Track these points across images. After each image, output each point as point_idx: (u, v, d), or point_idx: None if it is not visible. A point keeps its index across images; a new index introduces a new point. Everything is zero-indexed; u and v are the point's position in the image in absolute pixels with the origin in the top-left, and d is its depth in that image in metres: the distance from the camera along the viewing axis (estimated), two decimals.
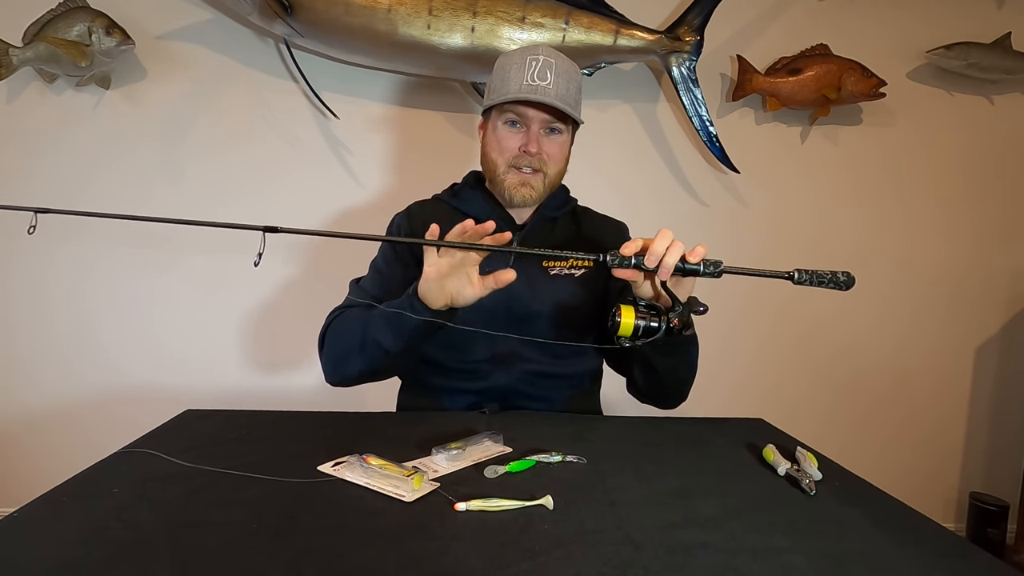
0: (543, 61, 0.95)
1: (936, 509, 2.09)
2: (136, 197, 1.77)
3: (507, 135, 0.99)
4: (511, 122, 0.98)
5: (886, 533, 0.62)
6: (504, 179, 1.00)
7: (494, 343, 0.99)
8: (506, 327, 0.99)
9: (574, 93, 0.99)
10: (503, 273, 0.82)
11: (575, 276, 1.04)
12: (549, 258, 1.02)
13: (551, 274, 1.03)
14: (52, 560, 0.51)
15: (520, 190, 0.99)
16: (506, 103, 0.96)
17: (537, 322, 1.01)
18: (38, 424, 1.82)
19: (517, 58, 0.97)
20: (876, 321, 2.02)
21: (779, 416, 1.09)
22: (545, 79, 0.94)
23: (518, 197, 1.00)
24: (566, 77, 0.97)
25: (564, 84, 0.96)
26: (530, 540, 0.56)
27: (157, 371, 1.83)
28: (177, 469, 0.70)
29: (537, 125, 0.97)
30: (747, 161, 1.87)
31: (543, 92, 0.94)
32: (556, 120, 0.98)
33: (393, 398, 1.14)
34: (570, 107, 0.96)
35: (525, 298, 1.00)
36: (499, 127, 0.99)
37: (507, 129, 0.99)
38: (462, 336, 0.98)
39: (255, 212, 1.77)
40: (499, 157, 1.00)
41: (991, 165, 2.00)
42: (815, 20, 1.90)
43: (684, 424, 0.97)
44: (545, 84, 0.94)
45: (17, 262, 1.77)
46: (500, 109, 0.98)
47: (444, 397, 1.03)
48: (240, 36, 1.76)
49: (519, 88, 0.94)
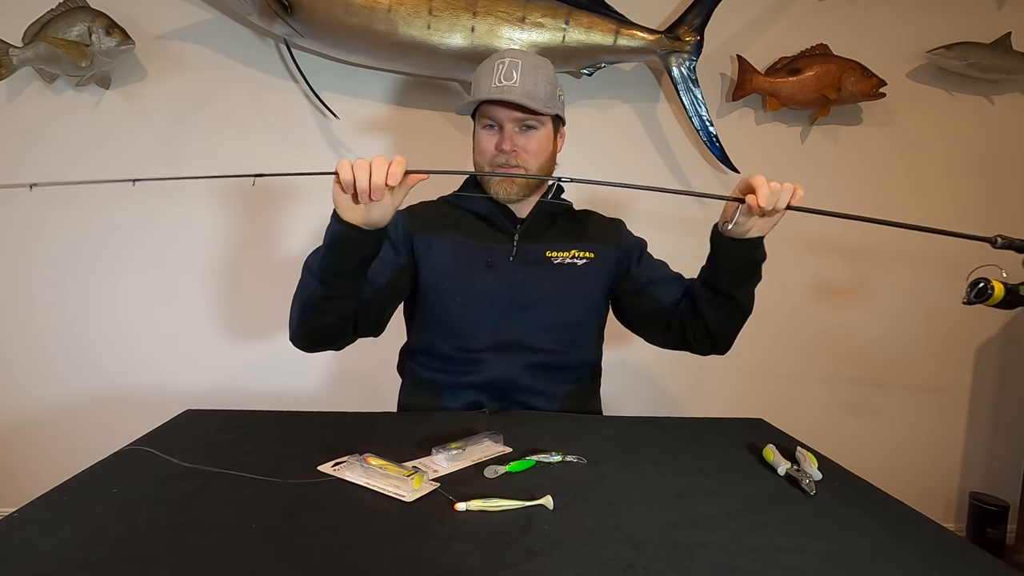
0: (508, 62, 1.00)
1: (936, 509, 2.09)
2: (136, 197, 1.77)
3: (484, 138, 1.04)
4: (487, 125, 1.03)
5: (886, 533, 0.62)
6: (488, 179, 1.05)
7: (497, 330, 1.02)
8: (510, 314, 1.01)
9: (543, 87, 1.01)
10: (415, 176, 0.82)
11: (577, 265, 1.07)
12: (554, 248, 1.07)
13: (554, 263, 1.07)
14: (52, 560, 0.51)
15: (501, 186, 1.04)
16: (482, 106, 1.02)
17: (541, 309, 1.04)
18: (38, 424, 1.82)
19: (487, 63, 1.03)
20: (875, 321, 2.02)
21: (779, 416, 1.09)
22: (511, 79, 0.99)
23: (502, 193, 1.04)
24: (532, 74, 1.00)
25: (531, 80, 1.00)
26: (530, 540, 0.56)
27: (157, 371, 1.83)
28: (177, 469, 0.70)
29: (510, 124, 1.01)
30: (747, 161, 1.87)
31: (509, 91, 0.98)
32: (528, 116, 1.01)
33: (393, 398, 1.14)
34: (538, 101, 0.99)
35: (529, 286, 1.04)
36: (478, 131, 1.05)
37: (484, 132, 1.04)
38: (466, 323, 1.02)
39: (255, 212, 1.77)
40: (480, 159, 1.05)
41: (991, 165, 2.00)
42: (815, 20, 1.90)
43: (684, 424, 0.97)
44: (511, 83, 0.99)
45: (17, 263, 1.77)
46: (479, 115, 1.04)
47: (445, 393, 1.04)
48: (240, 36, 1.76)
49: (488, 91, 0.99)
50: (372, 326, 0.99)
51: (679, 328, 1.06)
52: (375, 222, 0.83)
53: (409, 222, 1.07)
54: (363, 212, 0.82)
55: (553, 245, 1.07)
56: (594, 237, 1.11)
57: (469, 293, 1.03)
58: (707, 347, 1.06)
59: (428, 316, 1.06)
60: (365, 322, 0.96)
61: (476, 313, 1.03)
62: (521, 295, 1.03)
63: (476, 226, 1.08)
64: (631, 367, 1.93)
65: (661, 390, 1.98)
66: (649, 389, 1.96)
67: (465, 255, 1.04)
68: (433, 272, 1.04)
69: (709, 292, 0.99)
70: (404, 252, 1.04)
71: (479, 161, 1.05)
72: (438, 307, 1.04)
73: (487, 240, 1.06)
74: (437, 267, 1.04)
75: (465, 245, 1.05)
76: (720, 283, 0.97)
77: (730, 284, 0.97)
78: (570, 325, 1.06)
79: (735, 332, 1.04)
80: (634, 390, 1.94)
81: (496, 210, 1.06)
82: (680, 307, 1.06)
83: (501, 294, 1.02)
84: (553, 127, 1.06)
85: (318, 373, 1.88)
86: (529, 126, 1.02)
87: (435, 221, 1.07)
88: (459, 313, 1.03)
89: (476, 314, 1.02)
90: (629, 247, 1.13)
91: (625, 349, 1.91)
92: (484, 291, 1.03)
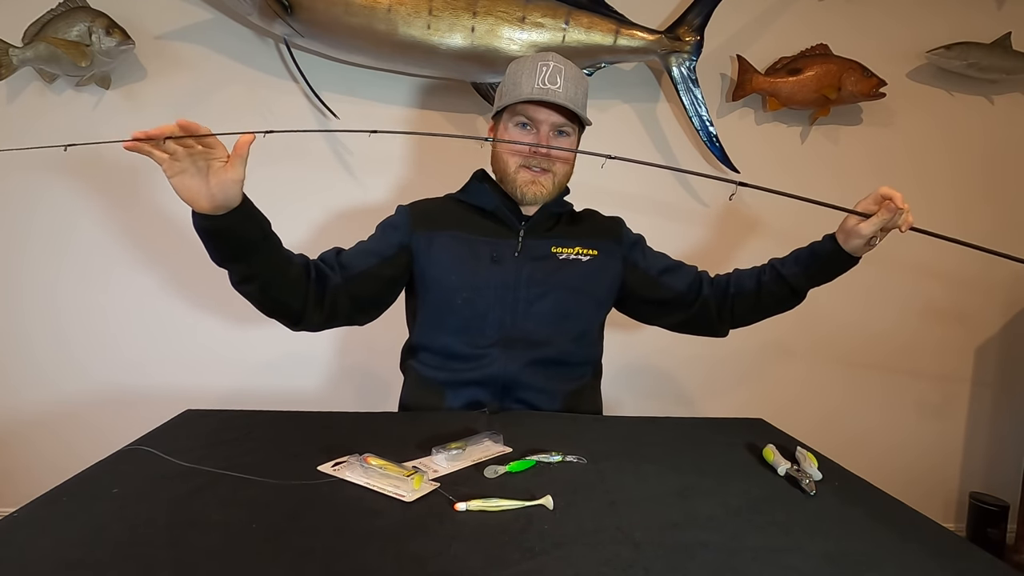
0: (553, 67, 1.01)
1: (936, 509, 2.09)
2: (136, 197, 1.77)
3: (519, 135, 1.04)
4: (522, 124, 1.04)
5: (886, 533, 0.62)
6: (516, 177, 1.05)
7: (503, 325, 1.03)
8: (516, 309, 1.02)
9: (581, 98, 1.05)
10: (243, 139, 0.80)
11: (582, 261, 1.09)
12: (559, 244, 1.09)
13: (560, 259, 1.08)
14: (52, 560, 0.51)
15: (531, 187, 1.04)
16: (518, 105, 1.02)
17: (546, 304, 1.05)
18: (38, 424, 1.82)
19: (529, 64, 1.03)
20: (876, 321, 2.02)
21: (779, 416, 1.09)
22: (556, 83, 1.00)
23: (529, 194, 1.05)
24: (575, 82, 1.03)
25: (573, 88, 1.02)
26: (530, 540, 0.56)
27: (157, 371, 1.82)
28: (177, 469, 0.70)
29: (547, 127, 1.03)
30: (747, 161, 1.87)
31: (554, 95, 1.00)
32: (566, 123, 1.03)
33: (394, 398, 1.14)
34: (579, 109, 1.02)
35: (535, 282, 1.05)
36: (511, 128, 1.05)
37: (519, 130, 1.04)
38: (472, 317, 1.03)
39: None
40: (510, 157, 1.05)
41: (991, 165, 2.00)
42: (815, 20, 1.90)
43: (684, 424, 0.97)
44: (556, 88, 1.00)
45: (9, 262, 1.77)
46: (512, 111, 1.04)
47: (447, 391, 1.04)
48: (240, 36, 1.76)
49: (531, 91, 1.00)
50: (349, 312, 0.99)
51: (701, 311, 1.11)
52: (226, 203, 0.79)
53: (410, 218, 1.08)
54: (208, 198, 0.77)
55: (558, 241, 1.09)
56: (596, 235, 1.13)
57: (475, 287, 1.03)
58: (726, 328, 1.15)
59: (432, 312, 1.06)
60: (336, 307, 0.96)
61: (482, 307, 1.03)
62: (527, 289, 1.04)
63: (481, 222, 1.08)
64: (632, 367, 1.93)
65: (662, 390, 1.98)
66: (649, 389, 1.96)
67: (470, 250, 1.05)
68: (437, 267, 1.04)
69: (784, 288, 1.05)
70: (394, 245, 1.04)
71: (507, 158, 1.05)
72: (443, 302, 1.04)
73: (492, 236, 1.07)
74: (441, 262, 1.04)
75: (469, 240, 1.06)
76: (804, 283, 1.04)
77: (812, 285, 1.04)
78: (575, 321, 1.07)
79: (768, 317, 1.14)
80: (634, 390, 1.94)
81: (503, 206, 1.08)
82: (703, 292, 1.11)
83: (507, 288, 1.03)
84: (578, 136, 1.09)
85: (318, 373, 1.88)
86: (564, 132, 1.04)
87: (438, 217, 1.08)
88: (465, 307, 1.03)
89: (482, 308, 1.03)
90: (631, 243, 1.15)
91: (625, 349, 1.91)
92: (490, 285, 1.03)
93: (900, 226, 0.90)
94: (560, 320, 1.05)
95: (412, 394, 1.11)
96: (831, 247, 0.99)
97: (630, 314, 1.19)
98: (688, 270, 1.15)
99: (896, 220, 0.90)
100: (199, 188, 0.78)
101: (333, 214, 1.84)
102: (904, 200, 0.89)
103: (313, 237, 1.82)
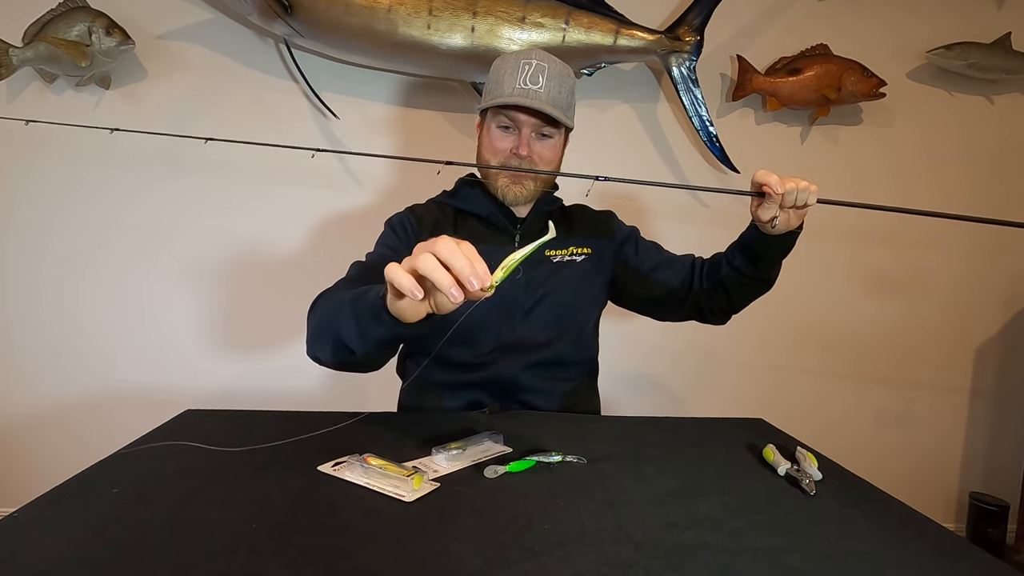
0: (535, 65, 0.98)
1: (936, 509, 2.09)
2: (136, 197, 1.77)
3: (499, 137, 1.02)
4: (503, 126, 1.02)
5: (886, 533, 0.61)
6: (496, 178, 1.04)
7: (501, 334, 1.02)
8: (514, 317, 1.01)
9: (566, 96, 1.01)
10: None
11: (577, 262, 1.08)
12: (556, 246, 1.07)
13: (554, 261, 1.07)
14: (52, 560, 0.51)
15: (512, 188, 1.03)
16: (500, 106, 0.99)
17: (544, 309, 1.04)
18: (38, 424, 1.82)
19: (511, 61, 1.00)
20: (876, 321, 2.02)
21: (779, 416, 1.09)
22: (537, 83, 0.97)
23: (510, 195, 1.03)
24: (558, 80, 0.99)
25: (556, 88, 0.99)
26: (530, 540, 0.56)
27: (156, 371, 1.83)
28: (177, 469, 0.70)
29: (528, 129, 1.00)
30: (747, 161, 1.87)
31: (534, 96, 0.97)
32: (546, 124, 1.01)
33: (393, 398, 1.14)
34: (561, 110, 0.99)
35: (532, 287, 1.04)
36: (492, 129, 1.03)
37: (500, 132, 1.02)
38: (472, 330, 1.01)
39: (254, 211, 1.77)
40: (491, 158, 1.03)
41: (991, 165, 2.00)
42: (815, 20, 1.90)
43: (684, 424, 0.97)
44: (537, 88, 0.97)
45: (13, 262, 1.77)
46: (494, 111, 1.02)
47: (446, 392, 1.04)
48: (240, 36, 1.76)
49: (511, 92, 0.98)
50: None
51: (693, 304, 1.10)
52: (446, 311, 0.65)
53: (415, 223, 1.07)
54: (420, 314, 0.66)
55: (551, 243, 1.07)
56: (589, 232, 1.12)
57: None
58: (724, 317, 1.11)
59: None
60: None
61: (480, 316, 1.01)
62: (524, 297, 1.03)
63: (477, 228, 1.07)
64: (631, 367, 1.93)
65: (661, 390, 1.98)
66: (649, 389, 1.96)
67: None
68: None
69: (740, 276, 1.02)
70: (408, 243, 1.03)
71: (488, 159, 1.04)
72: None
73: (488, 242, 1.05)
74: None
75: None
76: (754, 271, 1.00)
77: (766, 269, 1.00)
78: (571, 322, 1.07)
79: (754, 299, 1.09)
80: (634, 390, 1.94)
81: (497, 212, 1.06)
82: (693, 286, 1.09)
83: (505, 298, 1.02)
84: (564, 135, 1.07)
85: (318, 373, 1.87)
86: (546, 134, 1.02)
87: (435, 225, 1.07)
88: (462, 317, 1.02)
89: (480, 317, 1.01)
90: (623, 238, 1.14)
91: (625, 349, 1.91)
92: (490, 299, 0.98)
93: (808, 201, 0.87)
94: (557, 323, 1.05)
95: (411, 396, 1.10)
96: (754, 233, 0.96)
97: (626, 307, 1.18)
98: (681, 263, 1.12)
99: (789, 200, 0.86)
100: (422, 306, 0.65)
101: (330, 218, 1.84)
102: (788, 180, 0.86)
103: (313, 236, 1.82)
